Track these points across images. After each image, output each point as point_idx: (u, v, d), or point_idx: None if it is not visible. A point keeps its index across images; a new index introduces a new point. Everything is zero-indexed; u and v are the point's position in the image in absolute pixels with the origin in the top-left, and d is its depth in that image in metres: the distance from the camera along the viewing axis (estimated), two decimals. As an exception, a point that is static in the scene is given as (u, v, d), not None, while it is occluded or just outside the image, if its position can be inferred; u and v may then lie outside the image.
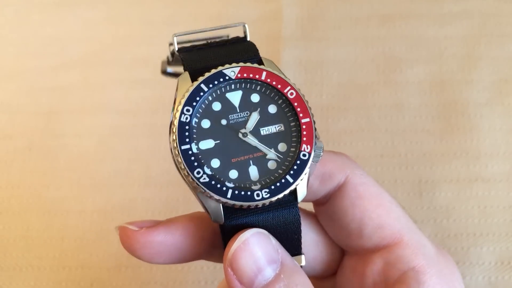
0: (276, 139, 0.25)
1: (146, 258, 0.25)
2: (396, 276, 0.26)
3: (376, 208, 0.27)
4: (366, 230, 0.27)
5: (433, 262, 0.26)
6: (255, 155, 0.25)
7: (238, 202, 0.23)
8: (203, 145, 0.24)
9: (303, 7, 0.53)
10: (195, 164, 0.24)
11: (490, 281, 0.40)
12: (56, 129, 0.49)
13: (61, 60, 0.52)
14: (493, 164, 0.44)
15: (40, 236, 0.44)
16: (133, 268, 0.42)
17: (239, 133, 0.25)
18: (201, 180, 0.23)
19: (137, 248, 0.25)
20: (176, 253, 0.25)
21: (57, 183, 0.46)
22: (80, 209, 0.45)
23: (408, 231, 0.27)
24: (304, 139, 0.25)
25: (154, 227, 0.25)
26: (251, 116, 0.25)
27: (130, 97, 0.50)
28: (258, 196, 0.24)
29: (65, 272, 0.42)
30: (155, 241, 0.25)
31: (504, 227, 0.42)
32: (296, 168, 0.24)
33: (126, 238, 0.25)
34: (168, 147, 0.25)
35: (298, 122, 0.25)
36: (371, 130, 0.46)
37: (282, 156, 0.25)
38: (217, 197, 0.23)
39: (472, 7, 0.52)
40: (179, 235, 0.25)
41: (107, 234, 0.43)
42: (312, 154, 0.25)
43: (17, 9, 0.56)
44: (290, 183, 0.24)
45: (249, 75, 0.25)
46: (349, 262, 0.28)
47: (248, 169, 0.24)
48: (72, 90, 0.51)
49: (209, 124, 0.25)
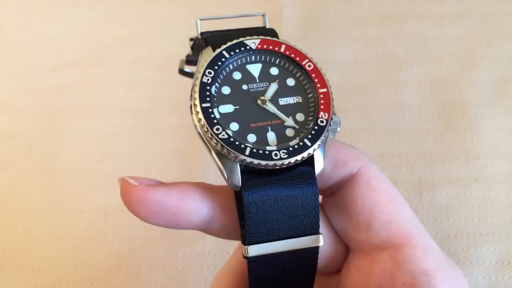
0: (294, 109, 0.25)
1: (141, 215, 0.24)
2: (405, 278, 0.25)
3: (387, 203, 0.26)
4: (374, 223, 0.26)
5: (444, 266, 0.25)
6: (273, 122, 0.25)
7: (256, 160, 0.23)
8: (223, 109, 0.25)
9: (303, 7, 0.53)
10: (214, 121, 0.24)
11: (490, 281, 0.40)
12: (56, 129, 0.49)
13: (61, 60, 0.52)
14: (493, 164, 0.44)
15: (40, 236, 0.44)
16: (133, 268, 0.42)
17: (258, 100, 0.25)
18: (220, 136, 0.24)
19: (133, 203, 0.24)
20: (171, 216, 0.24)
21: (57, 183, 0.46)
22: (80, 209, 0.45)
23: (419, 232, 0.26)
24: (321, 107, 0.25)
25: (153, 185, 0.25)
26: (270, 86, 0.26)
27: (130, 97, 0.50)
28: (276, 156, 0.24)
29: (65, 272, 0.42)
30: (152, 199, 0.24)
31: (504, 227, 0.42)
32: (314, 133, 0.24)
33: (125, 191, 0.24)
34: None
35: (316, 93, 0.26)
36: (371, 130, 0.46)
37: (300, 125, 0.25)
38: (235, 153, 0.23)
39: (472, 7, 0.52)
40: (176, 198, 0.24)
41: (107, 234, 0.44)
42: (329, 121, 0.25)
43: (17, 9, 0.56)
44: (308, 146, 0.24)
45: (268, 47, 0.26)
46: (354, 260, 0.27)
47: (266, 134, 0.25)
48: (72, 90, 0.51)
49: (229, 90, 0.25)
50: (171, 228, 0.25)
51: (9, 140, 0.49)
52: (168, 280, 0.41)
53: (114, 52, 0.53)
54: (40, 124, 0.49)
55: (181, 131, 0.47)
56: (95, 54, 0.53)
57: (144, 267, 0.42)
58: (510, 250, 0.41)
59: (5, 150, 0.48)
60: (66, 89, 0.51)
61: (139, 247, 0.43)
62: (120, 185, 0.25)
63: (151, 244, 0.43)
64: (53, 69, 0.52)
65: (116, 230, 0.44)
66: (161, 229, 0.43)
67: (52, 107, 0.50)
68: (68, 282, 0.42)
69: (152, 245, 0.43)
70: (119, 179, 0.25)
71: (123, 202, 0.24)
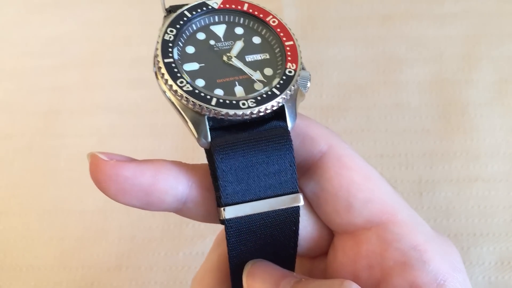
0: (262, 64, 0.25)
1: (111, 193, 0.23)
2: (396, 257, 0.24)
3: (365, 181, 0.25)
4: (355, 203, 0.24)
5: (433, 239, 0.25)
6: (240, 77, 0.24)
7: (224, 109, 0.22)
8: (187, 67, 0.24)
9: (303, 7, 0.53)
10: (178, 75, 0.23)
11: (490, 281, 0.40)
12: (56, 129, 0.49)
13: (61, 60, 0.52)
14: (493, 164, 0.44)
15: (40, 236, 0.44)
16: (133, 268, 0.42)
17: (224, 56, 0.25)
18: (184, 89, 0.23)
19: (103, 179, 0.23)
20: (143, 194, 0.23)
21: (57, 183, 0.46)
22: (80, 209, 0.45)
23: (402, 208, 0.25)
24: (289, 58, 0.25)
25: (125, 161, 0.23)
26: (235, 44, 0.25)
27: (130, 97, 0.50)
28: (244, 105, 0.23)
29: (65, 272, 0.42)
30: (122, 175, 0.22)
31: (504, 227, 0.42)
32: (282, 82, 0.24)
33: (94, 167, 0.23)
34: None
35: (282, 47, 0.25)
36: (371, 130, 0.46)
37: (268, 79, 0.24)
38: (201, 104, 0.22)
39: (472, 7, 0.52)
40: (150, 175, 0.23)
41: (107, 234, 0.44)
42: (297, 71, 0.24)
43: (17, 9, 0.56)
44: (277, 94, 0.23)
45: (231, 6, 0.26)
46: (340, 242, 0.26)
47: (234, 89, 0.24)
48: (72, 90, 0.51)
49: (193, 50, 0.25)
50: (143, 209, 0.24)
51: (9, 140, 0.49)
52: (168, 280, 0.41)
53: (114, 52, 0.53)
54: (40, 124, 0.49)
55: (181, 131, 0.47)
56: (95, 54, 0.53)
57: (144, 267, 0.42)
58: (510, 250, 0.41)
59: (5, 150, 0.48)
60: (66, 89, 0.51)
61: (139, 247, 0.43)
62: (89, 160, 0.23)
63: (151, 244, 0.43)
64: (53, 69, 0.52)
65: (116, 230, 0.44)
66: (161, 229, 0.44)
67: (52, 107, 0.50)
68: (68, 282, 0.42)
69: (152, 245, 0.43)
70: (88, 154, 0.23)
71: (92, 179, 0.23)
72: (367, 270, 0.24)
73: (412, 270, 0.23)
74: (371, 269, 0.24)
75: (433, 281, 0.23)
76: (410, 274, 0.23)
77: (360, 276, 0.25)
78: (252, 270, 0.24)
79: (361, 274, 0.25)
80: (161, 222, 0.44)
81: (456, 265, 0.24)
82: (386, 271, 0.24)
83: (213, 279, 0.26)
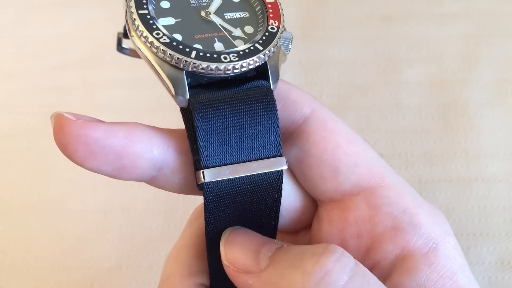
0: (242, 22, 0.23)
1: (79, 156, 0.21)
2: (386, 222, 0.23)
3: (350, 144, 0.24)
4: (341, 167, 0.23)
5: (422, 202, 0.24)
6: (220, 33, 0.23)
7: (204, 63, 0.21)
8: (163, 22, 0.22)
9: (303, 7, 0.53)
10: (154, 27, 0.21)
11: (490, 281, 0.40)
12: (56, 129, 0.49)
13: (61, 60, 0.52)
14: (493, 164, 0.44)
15: (40, 236, 0.44)
16: (133, 268, 0.42)
17: (202, 12, 0.23)
18: (161, 40, 0.21)
19: (69, 142, 0.20)
20: (114, 158, 0.20)
21: (57, 183, 0.46)
22: (80, 209, 0.45)
23: (389, 171, 0.24)
24: (270, 15, 0.24)
25: (94, 121, 0.21)
26: (213, 1, 0.24)
27: (130, 97, 0.50)
28: (226, 59, 0.21)
29: (65, 272, 0.42)
30: (91, 136, 0.20)
31: (504, 227, 0.42)
32: (265, 38, 0.22)
33: (59, 128, 0.20)
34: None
35: (263, 4, 0.24)
36: (371, 130, 0.46)
37: (249, 36, 0.23)
38: (180, 56, 0.20)
39: (472, 7, 0.52)
40: (122, 137, 0.20)
41: (107, 234, 0.44)
42: (280, 28, 0.23)
43: (17, 9, 0.56)
44: (260, 50, 0.22)
45: None
46: (325, 212, 0.24)
47: (214, 45, 0.22)
48: (72, 90, 0.51)
49: (169, 4, 0.23)
50: (114, 177, 0.21)
51: (9, 140, 0.49)
52: (168, 280, 0.41)
53: (114, 52, 0.53)
54: (40, 124, 0.49)
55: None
56: (95, 54, 0.52)
57: (144, 267, 0.42)
58: (510, 250, 0.41)
59: (5, 150, 0.48)
60: (66, 89, 0.51)
61: (139, 247, 0.43)
62: (53, 121, 0.21)
63: (151, 244, 0.43)
64: (53, 69, 0.52)
65: (116, 230, 0.44)
66: (161, 229, 0.44)
67: (52, 107, 0.50)
68: (68, 282, 0.42)
69: (152, 245, 0.43)
70: (53, 114, 0.21)
71: (56, 142, 0.21)
72: (355, 238, 0.23)
73: (403, 234, 0.22)
74: (359, 237, 0.23)
75: (425, 245, 0.22)
76: (401, 238, 0.22)
77: (348, 244, 0.24)
78: (231, 238, 0.23)
79: (348, 242, 0.24)
80: (161, 222, 0.44)
81: (447, 229, 0.24)
82: (376, 237, 0.23)
83: (188, 255, 0.25)
